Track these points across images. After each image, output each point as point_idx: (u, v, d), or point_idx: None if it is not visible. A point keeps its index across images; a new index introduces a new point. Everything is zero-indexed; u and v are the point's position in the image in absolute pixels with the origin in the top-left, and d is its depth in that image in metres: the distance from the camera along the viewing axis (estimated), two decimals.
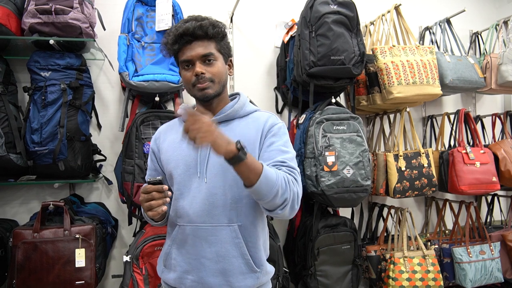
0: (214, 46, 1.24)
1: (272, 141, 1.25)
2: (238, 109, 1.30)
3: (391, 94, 2.27)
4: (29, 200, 2.25)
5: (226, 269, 1.21)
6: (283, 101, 2.61)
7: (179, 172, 1.26)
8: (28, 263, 1.77)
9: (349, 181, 2.02)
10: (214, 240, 1.21)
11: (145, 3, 2.11)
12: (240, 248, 1.22)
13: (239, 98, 1.35)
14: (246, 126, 1.28)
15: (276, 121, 1.31)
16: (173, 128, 1.37)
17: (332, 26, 2.09)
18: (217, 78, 1.24)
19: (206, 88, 1.23)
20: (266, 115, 1.33)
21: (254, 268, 1.24)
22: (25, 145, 1.96)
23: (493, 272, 2.51)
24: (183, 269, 1.24)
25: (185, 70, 1.25)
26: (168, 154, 1.30)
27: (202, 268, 1.22)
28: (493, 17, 3.01)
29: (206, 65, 1.23)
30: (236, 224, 1.22)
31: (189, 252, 1.23)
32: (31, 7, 1.89)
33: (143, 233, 1.97)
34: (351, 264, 2.23)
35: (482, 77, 2.63)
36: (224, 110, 1.30)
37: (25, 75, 2.10)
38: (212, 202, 1.22)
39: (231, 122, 1.29)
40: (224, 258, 1.21)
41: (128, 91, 2.04)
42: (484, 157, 2.51)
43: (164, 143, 1.34)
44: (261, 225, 1.31)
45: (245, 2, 2.49)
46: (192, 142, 1.02)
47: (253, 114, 1.33)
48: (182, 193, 1.25)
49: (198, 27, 1.20)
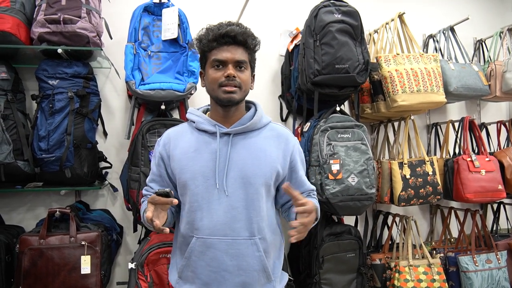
0: (247, 56, 1.27)
1: (299, 167, 1.36)
2: (257, 121, 1.30)
3: (395, 102, 2.28)
4: (35, 206, 2.27)
5: (246, 282, 1.22)
6: (287, 109, 2.62)
7: (196, 184, 1.23)
8: (34, 270, 1.78)
9: (353, 189, 2.02)
10: (235, 253, 1.21)
11: (151, 13, 2.14)
12: (261, 261, 1.23)
13: (256, 110, 1.34)
14: (266, 141, 1.30)
15: (294, 140, 1.37)
16: (184, 134, 1.32)
17: (336, 35, 2.10)
18: (244, 86, 1.26)
19: (233, 92, 1.22)
20: (285, 131, 1.37)
21: (271, 277, 1.26)
22: (32, 152, 1.98)
23: (500, 281, 2.48)
24: (202, 281, 1.23)
25: (215, 69, 1.24)
26: (182, 163, 1.26)
27: (223, 281, 1.21)
28: (497, 24, 3.01)
29: (237, 70, 1.24)
30: (257, 237, 1.23)
31: (209, 265, 1.22)
32: (40, 17, 1.92)
33: (148, 240, 1.98)
34: (356, 273, 2.22)
35: (486, 84, 2.62)
36: (243, 122, 1.29)
37: (33, 83, 2.13)
38: (234, 215, 1.21)
39: (248, 134, 1.29)
40: (245, 272, 1.21)
41: (134, 99, 2.06)
42: (490, 165, 2.50)
43: (175, 150, 1.29)
44: (280, 236, 1.34)
45: (250, 11, 2.51)
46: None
47: (270, 126, 1.35)
48: (201, 205, 1.23)
49: (242, 33, 1.24)
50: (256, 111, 1.33)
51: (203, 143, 1.26)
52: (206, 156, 1.24)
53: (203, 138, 1.27)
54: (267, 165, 1.25)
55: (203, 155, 1.25)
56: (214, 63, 1.24)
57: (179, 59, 2.07)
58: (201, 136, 1.28)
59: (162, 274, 1.87)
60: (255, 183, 1.23)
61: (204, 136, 1.28)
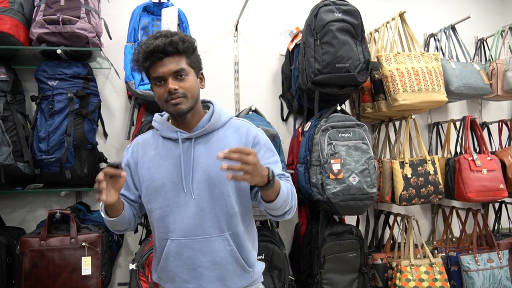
0: (185, 61, 1.24)
1: (262, 155, 1.30)
2: (215, 122, 1.31)
3: (396, 101, 2.27)
4: (36, 208, 2.27)
5: (222, 274, 1.28)
6: (288, 108, 2.61)
7: (166, 190, 1.28)
8: (35, 271, 1.78)
9: (355, 189, 2.01)
10: (208, 250, 1.27)
11: (151, 13, 2.13)
12: (233, 254, 1.29)
13: (213, 110, 1.34)
14: (225, 139, 1.31)
15: (255, 130, 1.35)
16: (150, 142, 1.35)
17: (337, 34, 2.10)
18: (189, 93, 1.25)
19: (179, 104, 1.23)
20: (244, 124, 1.36)
21: (247, 269, 1.31)
22: (32, 154, 1.98)
23: (502, 280, 2.48)
24: (181, 279, 1.28)
25: (157, 86, 1.24)
26: (151, 171, 1.30)
27: (200, 276, 1.27)
28: (499, 23, 3.00)
29: (178, 80, 1.23)
30: (227, 233, 1.28)
31: (186, 264, 1.27)
32: (39, 17, 1.92)
33: (149, 241, 1.97)
34: (357, 272, 2.21)
35: (488, 83, 2.62)
36: (201, 125, 1.30)
37: (33, 84, 2.13)
38: (202, 216, 1.26)
39: (209, 135, 1.31)
40: (219, 266, 1.27)
41: (134, 99, 2.06)
42: (491, 164, 2.49)
43: (143, 158, 1.33)
44: (250, 228, 1.37)
45: (250, 11, 2.50)
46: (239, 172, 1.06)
47: (229, 123, 1.35)
48: (172, 209, 1.28)
49: (169, 43, 1.20)
50: (213, 111, 1.34)
51: (168, 150, 1.30)
52: (172, 162, 1.29)
53: (167, 145, 1.31)
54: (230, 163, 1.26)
55: (169, 161, 1.29)
56: (155, 81, 1.25)
57: None
58: (166, 143, 1.32)
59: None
60: (219, 183, 1.26)
61: (169, 143, 1.31)
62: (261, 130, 1.38)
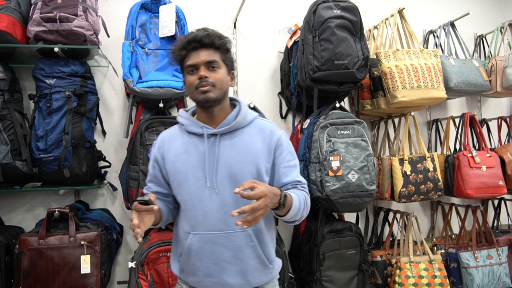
0: (218, 56, 1.31)
1: (284, 157, 1.37)
2: (241, 120, 1.36)
3: (395, 98, 2.26)
4: (34, 207, 2.26)
5: (244, 269, 1.31)
6: (287, 106, 2.61)
7: (189, 183, 1.32)
8: (34, 270, 1.78)
9: (354, 186, 2.01)
10: (231, 245, 1.30)
11: (148, 10, 2.12)
12: (255, 250, 1.32)
13: (240, 108, 1.39)
14: (250, 138, 1.35)
15: (279, 132, 1.40)
16: (176, 137, 1.39)
17: (335, 31, 2.09)
18: (219, 84, 1.30)
19: (207, 92, 1.28)
20: (269, 126, 1.40)
21: (268, 265, 1.36)
22: (30, 152, 1.97)
23: (501, 277, 2.48)
24: (203, 273, 1.31)
25: (190, 74, 1.31)
26: (176, 165, 1.34)
27: (222, 270, 1.30)
28: (498, 19, 2.99)
29: (210, 71, 1.30)
30: (250, 229, 1.31)
31: (208, 258, 1.30)
32: (36, 15, 1.90)
33: (148, 239, 1.97)
34: (357, 269, 2.21)
35: (487, 80, 2.61)
36: (227, 122, 1.35)
37: (31, 83, 2.12)
38: (226, 211, 1.29)
39: (234, 133, 1.35)
40: (241, 261, 1.30)
41: (132, 97, 2.05)
42: (490, 161, 2.49)
43: (169, 153, 1.37)
44: (271, 225, 1.42)
45: (248, 8, 2.49)
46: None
47: (254, 123, 1.39)
48: (195, 203, 1.31)
49: (206, 36, 1.28)
50: (240, 110, 1.38)
51: (193, 145, 1.34)
52: (196, 157, 1.32)
53: (192, 140, 1.35)
54: (253, 162, 1.32)
55: (194, 156, 1.32)
56: (188, 69, 1.32)
57: None
58: (191, 138, 1.35)
59: (162, 272, 1.87)
60: (242, 179, 1.28)
61: (194, 138, 1.35)
62: (284, 133, 1.42)
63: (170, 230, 2.06)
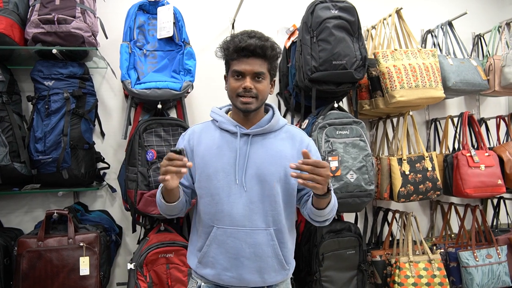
0: (266, 66, 1.35)
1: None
2: (274, 124, 1.41)
3: (393, 98, 2.26)
4: (33, 208, 2.26)
5: (262, 267, 1.34)
6: (285, 106, 2.61)
7: (218, 178, 1.35)
8: (32, 272, 1.78)
9: (352, 186, 2.01)
10: (252, 242, 1.33)
11: (146, 11, 2.12)
12: (274, 249, 1.36)
13: (273, 113, 1.44)
14: (281, 142, 1.41)
15: (308, 139, 1.47)
16: (207, 131, 1.43)
17: (333, 31, 2.09)
18: (261, 96, 1.35)
19: (249, 103, 1.33)
20: (299, 133, 1.47)
21: (285, 266, 1.40)
22: (29, 154, 1.97)
23: (501, 276, 2.48)
24: (222, 266, 1.34)
25: (235, 79, 1.34)
26: (206, 159, 1.38)
27: (241, 266, 1.33)
28: (496, 19, 3.00)
29: (255, 81, 1.34)
30: (272, 228, 1.35)
31: (229, 252, 1.34)
32: (34, 17, 1.90)
33: (147, 240, 1.97)
34: (356, 270, 2.21)
35: (485, 79, 2.61)
36: (261, 124, 1.40)
37: (29, 85, 2.12)
38: (252, 209, 1.34)
39: (266, 135, 1.40)
40: (260, 258, 1.34)
41: (130, 98, 2.05)
42: (489, 160, 2.49)
43: (199, 145, 1.41)
44: (292, 229, 1.46)
45: (246, 8, 2.49)
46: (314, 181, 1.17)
47: (285, 128, 1.45)
48: (222, 198, 1.35)
49: (260, 47, 1.31)
50: (273, 114, 1.43)
51: (225, 142, 1.38)
52: (228, 153, 1.36)
53: (225, 137, 1.39)
54: (282, 165, 1.36)
55: (225, 153, 1.36)
56: (234, 73, 1.35)
57: (175, 57, 2.06)
58: (223, 135, 1.40)
59: (161, 274, 1.87)
60: (270, 180, 1.35)
61: (226, 135, 1.39)
62: (312, 140, 1.49)
63: (169, 231, 2.06)
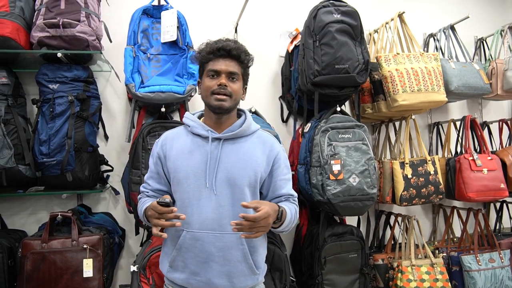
0: (240, 69, 1.41)
1: (281, 171, 1.47)
2: (246, 129, 1.43)
3: (396, 101, 2.27)
4: (37, 210, 2.28)
5: (231, 271, 1.35)
6: (288, 110, 2.62)
7: (189, 182, 1.37)
8: (36, 274, 1.78)
9: (355, 190, 2.01)
10: (221, 246, 1.34)
11: (150, 16, 2.14)
12: (244, 253, 1.36)
13: (245, 118, 1.47)
14: (252, 146, 1.43)
15: (278, 147, 1.49)
16: (180, 137, 1.45)
17: (335, 35, 2.10)
18: (234, 95, 1.38)
19: (223, 100, 1.35)
20: (270, 139, 1.49)
21: (255, 271, 1.40)
22: (33, 157, 1.99)
23: (504, 280, 2.47)
24: (191, 270, 1.35)
25: (210, 78, 1.38)
26: (177, 163, 1.39)
27: (210, 270, 1.34)
28: (498, 22, 3.00)
29: (230, 81, 1.38)
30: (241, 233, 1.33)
31: (198, 256, 1.34)
32: (39, 21, 1.93)
33: (150, 243, 1.98)
34: (359, 273, 2.21)
35: (487, 83, 2.61)
36: (233, 128, 1.42)
37: (34, 88, 2.14)
38: (221, 212, 1.35)
39: (237, 140, 1.42)
40: (229, 262, 1.34)
41: (134, 102, 2.06)
42: (492, 164, 2.49)
43: (171, 151, 1.42)
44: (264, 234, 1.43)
45: (249, 13, 2.51)
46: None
47: (257, 134, 1.48)
48: (191, 202, 1.36)
49: (236, 48, 1.38)
50: (245, 119, 1.46)
51: (197, 146, 1.40)
52: (199, 157, 1.38)
53: (196, 142, 1.41)
54: (252, 169, 1.39)
55: (196, 157, 1.38)
56: (209, 72, 1.38)
57: (178, 61, 2.08)
58: (195, 140, 1.41)
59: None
60: (240, 184, 1.37)
61: (198, 140, 1.41)
62: (283, 147, 1.53)
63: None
